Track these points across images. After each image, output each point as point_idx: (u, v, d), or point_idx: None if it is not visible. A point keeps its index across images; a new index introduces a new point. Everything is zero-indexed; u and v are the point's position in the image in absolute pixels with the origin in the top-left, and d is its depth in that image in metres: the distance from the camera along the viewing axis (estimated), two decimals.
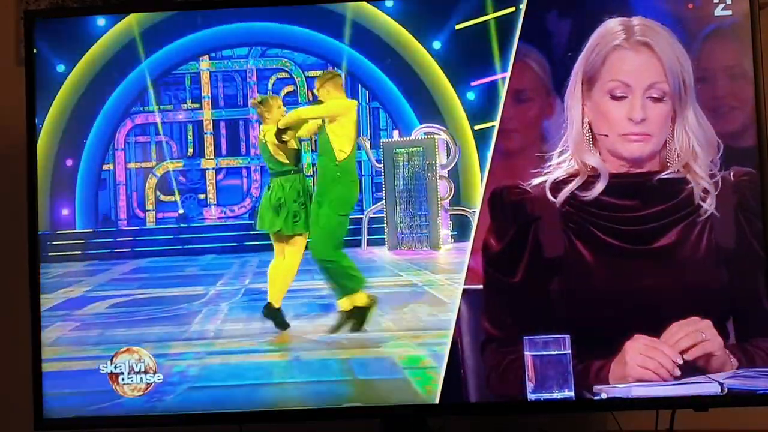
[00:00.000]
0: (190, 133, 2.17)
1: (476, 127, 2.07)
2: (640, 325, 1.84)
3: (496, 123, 2.01)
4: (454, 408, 1.97)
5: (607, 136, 1.86)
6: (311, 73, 2.15)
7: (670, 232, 1.85)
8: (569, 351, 1.83)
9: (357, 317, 2.06)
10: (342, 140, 2.12)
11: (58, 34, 2.14)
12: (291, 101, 2.17)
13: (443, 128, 2.11)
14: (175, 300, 2.13)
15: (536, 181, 1.90)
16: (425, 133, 2.13)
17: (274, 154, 2.14)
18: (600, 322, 1.85)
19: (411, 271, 2.14)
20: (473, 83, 2.07)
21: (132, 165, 2.17)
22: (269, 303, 2.11)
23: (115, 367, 2.02)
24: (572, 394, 1.84)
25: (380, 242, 2.17)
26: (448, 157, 2.12)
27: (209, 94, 2.18)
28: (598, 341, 1.85)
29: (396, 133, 2.15)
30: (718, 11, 1.90)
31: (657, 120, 1.82)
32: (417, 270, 2.15)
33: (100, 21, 2.14)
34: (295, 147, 2.15)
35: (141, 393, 2.01)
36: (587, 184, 1.87)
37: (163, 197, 2.17)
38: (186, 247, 2.15)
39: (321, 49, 2.13)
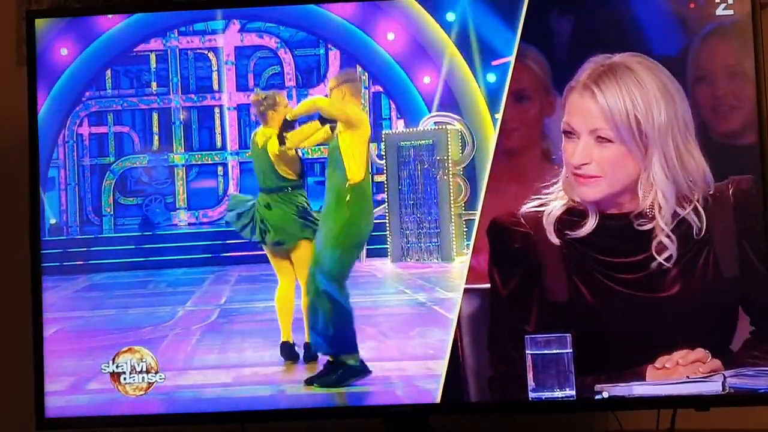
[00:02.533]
0: (155, 123, 2.09)
1: (497, 116, 1.98)
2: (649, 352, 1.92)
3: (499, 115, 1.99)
4: (455, 407, 2.01)
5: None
6: (300, 52, 2.06)
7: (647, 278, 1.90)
8: (570, 350, 1.90)
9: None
10: (354, 159, 2.00)
11: None
12: (275, 84, 2.07)
13: (457, 117, 2.02)
14: (137, 322, 2.04)
15: (532, 209, 1.93)
16: (436, 123, 2.04)
17: (276, 166, 2.04)
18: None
19: (418, 288, 2.05)
20: (494, 63, 1.98)
21: (86, 161, 2.08)
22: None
23: (117, 367, 2.00)
24: (573, 393, 1.92)
25: (382, 253, 2.08)
26: (463, 152, 2.03)
27: (178, 77, 2.09)
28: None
29: (401, 123, 2.07)
30: (720, 11, 1.97)
31: (604, 161, 1.86)
32: (426, 286, 2.06)
33: None
34: (297, 156, 2.06)
35: (143, 392, 2.00)
36: (576, 220, 1.90)
37: (123, 199, 2.09)
38: (150, 259, 2.07)
39: (312, 23, 2.04)
